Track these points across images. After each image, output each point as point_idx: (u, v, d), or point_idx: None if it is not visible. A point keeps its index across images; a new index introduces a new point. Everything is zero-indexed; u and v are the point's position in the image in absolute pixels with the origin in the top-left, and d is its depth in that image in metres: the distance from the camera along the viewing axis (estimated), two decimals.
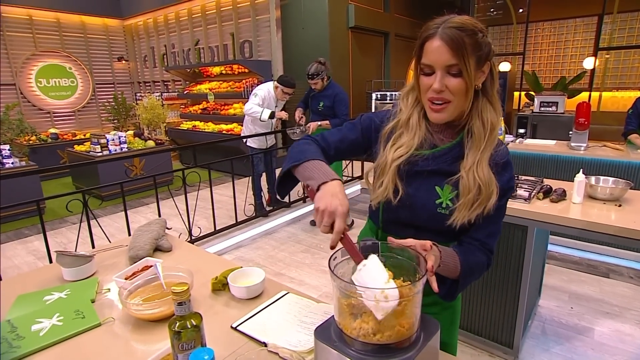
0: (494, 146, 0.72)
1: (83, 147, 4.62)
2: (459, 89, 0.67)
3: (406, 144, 0.73)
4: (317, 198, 0.63)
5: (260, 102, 3.19)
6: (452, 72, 0.66)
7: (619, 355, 1.67)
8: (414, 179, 0.74)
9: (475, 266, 0.74)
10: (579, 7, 6.07)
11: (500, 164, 0.72)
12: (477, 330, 1.75)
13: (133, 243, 1.18)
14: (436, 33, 0.65)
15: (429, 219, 0.74)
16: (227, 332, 0.82)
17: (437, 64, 0.66)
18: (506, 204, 0.78)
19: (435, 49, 0.65)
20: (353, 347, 0.60)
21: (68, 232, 3.34)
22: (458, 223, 0.71)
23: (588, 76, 5.73)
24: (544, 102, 4.35)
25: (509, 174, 0.74)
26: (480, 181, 0.69)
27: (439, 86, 0.66)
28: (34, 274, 1.11)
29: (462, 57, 0.64)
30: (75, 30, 7.31)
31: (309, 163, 0.70)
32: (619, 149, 2.50)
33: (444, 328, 0.75)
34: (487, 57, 0.68)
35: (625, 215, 1.41)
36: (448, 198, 0.73)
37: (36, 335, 0.82)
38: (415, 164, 0.74)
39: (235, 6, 5.88)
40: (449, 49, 0.64)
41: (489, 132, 0.70)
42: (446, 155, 0.73)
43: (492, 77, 0.71)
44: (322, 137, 0.81)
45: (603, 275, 2.34)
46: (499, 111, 0.72)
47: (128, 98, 7.87)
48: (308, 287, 2.34)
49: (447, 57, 0.65)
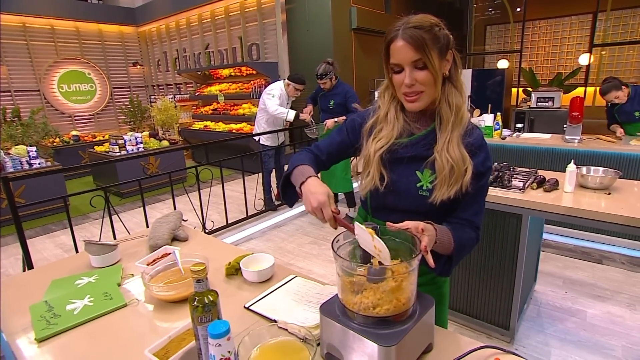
0: (462, 126, 0.78)
1: (102, 148, 4.83)
2: (428, 80, 0.74)
3: (386, 136, 0.81)
4: (304, 202, 0.76)
5: (279, 102, 3.31)
6: (418, 66, 0.73)
7: (610, 335, 1.73)
8: (396, 165, 0.82)
9: (467, 242, 0.80)
10: (574, 5, 6.19)
11: (475, 146, 0.79)
12: (475, 313, 1.81)
13: (152, 233, 1.27)
14: (398, 35, 0.72)
15: (412, 201, 0.81)
16: (240, 311, 0.89)
17: (403, 61, 0.73)
18: (487, 183, 0.84)
19: (399, 48, 0.72)
20: (355, 321, 0.65)
21: (91, 227, 3.52)
22: (438, 200, 0.77)
23: (583, 72, 5.84)
24: (541, 97, 4.47)
25: (483, 155, 0.80)
26: (452, 159, 0.75)
27: (409, 81, 0.74)
28: (65, 262, 1.21)
29: (424, 51, 0.71)
30: (94, 38, 7.61)
31: (296, 170, 0.82)
32: (612, 141, 2.58)
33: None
34: (447, 47, 0.75)
35: (613, 202, 1.47)
36: (428, 181, 0.79)
37: (71, 314, 0.90)
38: (395, 151, 0.81)
39: (243, 11, 6.01)
40: (411, 46, 0.71)
41: (455, 113, 0.77)
42: (422, 141, 0.80)
43: (455, 64, 0.78)
44: (315, 146, 0.92)
45: (596, 262, 2.40)
46: (463, 94, 0.79)
47: (143, 101, 8.12)
48: (315, 275, 2.40)
49: (411, 54, 0.72)
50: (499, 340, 1.74)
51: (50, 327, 0.85)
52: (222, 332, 0.60)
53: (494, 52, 7.28)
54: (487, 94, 5.09)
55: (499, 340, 1.74)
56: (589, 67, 5.81)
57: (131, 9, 8.01)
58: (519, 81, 6.16)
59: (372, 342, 0.61)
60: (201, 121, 6.25)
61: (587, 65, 5.78)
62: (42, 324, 0.86)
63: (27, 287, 1.05)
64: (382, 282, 0.64)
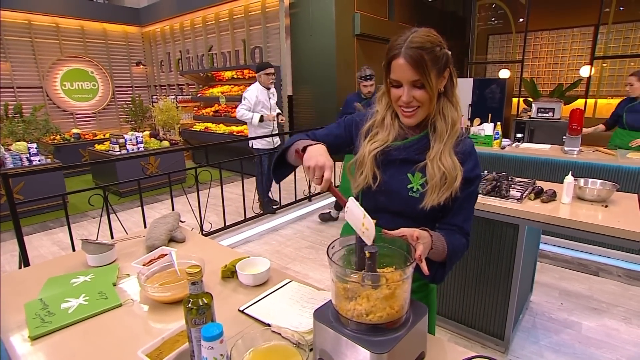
0: (455, 138, 0.80)
1: (103, 147, 4.84)
2: (425, 98, 0.77)
3: (381, 139, 0.84)
4: (306, 158, 0.76)
5: (250, 106, 3.27)
6: (417, 85, 0.76)
7: (605, 348, 1.73)
8: (389, 167, 0.85)
9: (458, 247, 0.82)
10: (576, 18, 6.32)
11: (465, 154, 0.82)
12: (470, 322, 1.81)
13: (150, 234, 1.27)
14: (400, 53, 0.74)
15: (402, 202, 0.83)
16: (235, 314, 0.89)
17: (402, 79, 0.76)
18: (476, 190, 0.86)
19: (399, 67, 0.75)
20: (348, 327, 0.65)
21: (89, 225, 3.51)
22: (428, 206, 0.79)
23: (584, 84, 5.91)
24: (541, 108, 4.52)
25: (472, 163, 0.83)
26: (444, 168, 0.78)
27: (407, 99, 0.77)
28: (62, 260, 1.21)
29: (424, 73, 0.74)
30: (98, 36, 7.66)
31: (297, 142, 0.84)
32: (610, 153, 2.59)
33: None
34: (446, 66, 0.78)
35: (610, 215, 1.48)
36: (418, 183, 0.81)
37: (65, 312, 0.90)
38: (389, 153, 0.84)
39: (247, 14, 6.06)
40: (412, 67, 0.74)
41: (450, 126, 0.80)
42: (415, 145, 0.84)
43: (452, 80, 0.81)
44: (312, 132, 0.93)
45: (593, 274, 2.40)
46: (458, 109, 0.82)
47: (145, 100, 8.15)
48: (311, 280, 2.41)
49: (411, 73, 0.74)
50: (493, 350, 1.73)
51: (44, 325, 0.85)
52: (215, 334, 0.60)
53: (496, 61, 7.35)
54: (487, 103, 5.13)
55: (493, 350, 1.73)
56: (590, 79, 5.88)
57: (136, 9, 8.08)
58: (520, 91, 6.23)
59: (364, 349, 0.61)
60: (202, 122, 6.28)
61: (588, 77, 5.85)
62: (36, 321, 0.86)
63: (22, 284, 1.05)
64: (376, 289, 0.64)
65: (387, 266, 0.71)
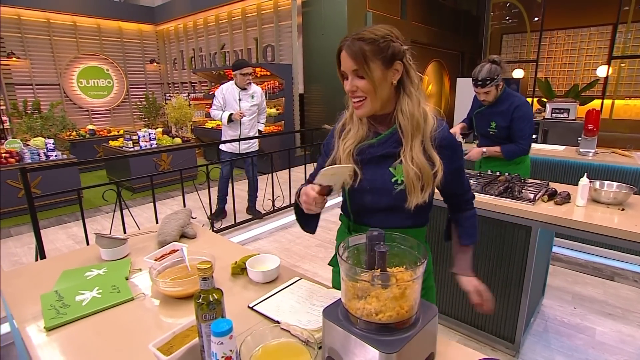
0: (423, 134, 0.82)
1: (117, 143, 4.94)
2: (367, 88, 0.79)
3: (353, 136, 0.87)
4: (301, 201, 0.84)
5: (219, 105, 3.15)
6: (358, 75, 0.79)
7: (619, 354, 1.68)
8: (369, 165, 0.86)
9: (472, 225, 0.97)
10: (593, 17, 6.11)
11: (443, 147, 0.83)
12: (480, 325, 1.79)
13: (161, 229, 1.29)
14: (344, 45, 0.79)
15: (390, 198, 0.84)
16: (244, 311, 0.89)
17: (346, 69, 0.81)
18: (462, 164, 0.91)
19: (343, 57, 0.81)
20: (357, 326, 0.65)
21: (102, 220, 3.60)
22: (413, 205, 0.82)
23: (601, 84, 5.71)
24: (556, 108, 4.41)
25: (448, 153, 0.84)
26: (417, 166, 0.80)
27: (349, 87, 0.81)
28: (76, 254, 1.24)
29: (362, 62, 0.77)
30: (113, 35, 7.82)
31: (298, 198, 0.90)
32: (628, 155, 2.50)
33: None
34: (394, 57, 0.78)
35: (627, 218, 1.43)
36: (402, 176, 0.83)
37: (79, 304, 0.92)
38: (365, 151, 0.86)
39: (260, 13, 6.08)
40: (350, 57, 0.78)
41: (409, 120, 0.81)
42: (389, 140, 0.85)
43: (407, 73, 0.82)
44: (310, 176, 0.96)
45: (608, 278, 2.33)
46: (417, 103, 0.82)
47: (158, 98, 8.29)
48: (321, 278, 2.36)
49: (350, 63, 0.79)
50: (503, 354, 1.71)
51: (59, 317, 0.87)
52: (225, 330, 0.60)
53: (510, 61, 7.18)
54: None
55: (503, 354, 1.71)
56: (607, 79, 5.69)
57: (151, 7, 8.21)
58: (534, 91, 6.09)
59: (373, 349, 0.61)
60: (214, 120, 6.34)
61: (605, 77, 5.67)
62: (51, 313, 0.88)
63: (39, 276, 1.08)
64: (386, 288, 0.64)
65: (397, 266, 0.70)
